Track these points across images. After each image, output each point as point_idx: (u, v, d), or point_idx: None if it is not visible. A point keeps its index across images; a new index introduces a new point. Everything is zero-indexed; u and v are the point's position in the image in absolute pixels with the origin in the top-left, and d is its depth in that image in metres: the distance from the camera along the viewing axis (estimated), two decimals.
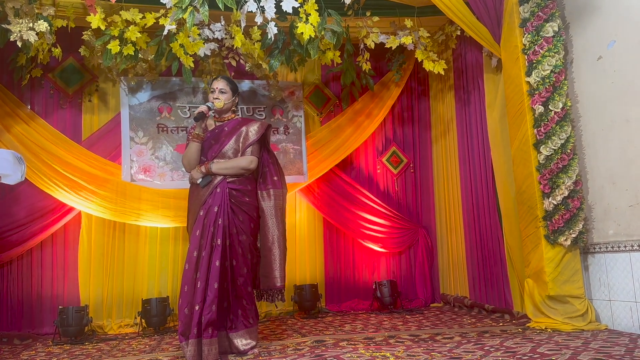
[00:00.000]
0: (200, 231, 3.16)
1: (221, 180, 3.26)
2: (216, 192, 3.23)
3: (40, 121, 4.66)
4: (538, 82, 3.68)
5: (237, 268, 3.23)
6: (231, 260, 3.21)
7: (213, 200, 3.21)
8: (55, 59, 4.46)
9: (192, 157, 3.33)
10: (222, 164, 3.30)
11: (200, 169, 3.29)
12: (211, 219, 3.16)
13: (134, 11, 4.09)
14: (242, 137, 3.38)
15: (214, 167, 3.28)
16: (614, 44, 3.52)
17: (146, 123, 4.91)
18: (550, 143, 3.61)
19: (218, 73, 5.04)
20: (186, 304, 3.06)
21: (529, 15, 3.77)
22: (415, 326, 4.04)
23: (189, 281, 3.09)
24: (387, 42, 4.59)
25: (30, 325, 4.50)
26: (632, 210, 3.38)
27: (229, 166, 3.31)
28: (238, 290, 3.25)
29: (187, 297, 3.07)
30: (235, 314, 3.25)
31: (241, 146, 3.37)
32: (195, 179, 3.29)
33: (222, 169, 3.29)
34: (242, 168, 3.32)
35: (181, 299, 3.10)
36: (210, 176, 3.27)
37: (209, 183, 3.25)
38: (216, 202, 3.20)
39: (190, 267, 3.11)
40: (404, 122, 5.74)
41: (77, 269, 4.67)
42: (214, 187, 3.24)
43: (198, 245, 3.13)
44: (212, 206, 3.20)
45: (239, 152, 3.36)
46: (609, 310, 3.54)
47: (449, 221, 5.26)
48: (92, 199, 4.60)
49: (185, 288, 3.09)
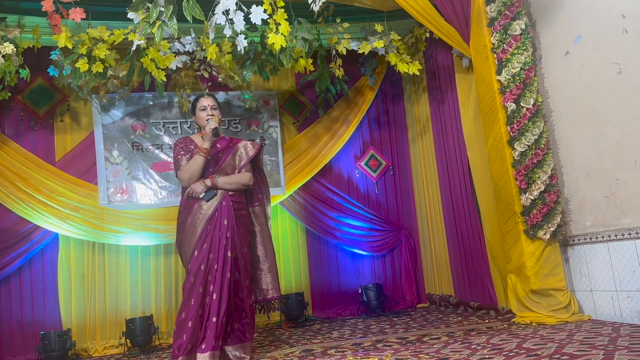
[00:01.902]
0: (208, 245, 3.16)
1: (224, 194, 3.30)
2: (222, 206, 3.26)
3: (12, 144, 4.57)
4: (508, 79, 3.73)
5: (240, 280, 3.26)
6: (235, 272, 3.23)
7: (220, 213, 3.24)
8: (24, 81, 4.39)
9: (196, 171, 3.30)
10: (227, 179, 3.35)
11: (204, 182, 3.28)
12: (222, 232, 3.20)
13: (101, 28, 4.04)
14: (238, 154, 3.46)
15: (220, 181, 3.31)
16: (579, 39, 3.59)
17: (120, 142, 4.85)
18: (524, 139, 3.66)
19: (191, 86, 5.02)
20: (192, 316, 3.03)
21: (496, 15, 3.82)
22: (402, 328, 4.05)
23: (195, 295, 3.07)
24: (359, 47, 4.62)
25: (11, 353, 4.39)
26: (608, 201, 3.43)
27: (233, 181, 3.36)
28: (239, 303, 3.26)
29: (194, 310, 3.04)
30: (233, 327, 3.25)
31: (237, 163, 3.44)
32: (198, 193, 3.27)
33: (227, 183, 3.33)
34: (244, 184, 3.40)
35: (185, 312, 3.06)
36: (214, 190, 3.29)
37: (212, 197, 3.27)
38: (224, 216, 3.24)
39: (196, 280, 3.09)
40: (381, 125, 5.77)
41: (57, 292, 4.58)
42: (219, 200, 3.27)
43: (206, 259, 3.13)
44: (220, 219, 3.23)
45: (236, 169, 3.43)
46: (591, 300, 3.59)
47: (430, 221, 5.29)
48: (69, 222, 4.53)
49: (191, 301, 3.06)
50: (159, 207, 4.81)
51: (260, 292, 3.51)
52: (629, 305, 3.29)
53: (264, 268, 3.52)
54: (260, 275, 3.51)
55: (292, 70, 5.02)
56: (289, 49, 3.84)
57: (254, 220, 3.56)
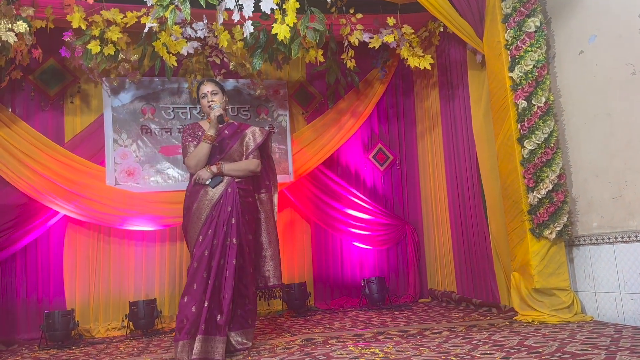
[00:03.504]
0: (212, 231, 3.18)
1: (230, 181, 3.31)
2: (227, 192, 3.27)
3: (21, 124, 4.59)
4: (521, 77, 3.71)
5: (245, 267, 3.28)
6: (239, 259, 3.25)
7: (225, 200, 3.25)
8: (36, 61, 4.39)
9: (203, 158, 3.31)
10: (233, 166, 3.35)
11: (210, 169, 3.29)
12: (224, 219, 3.20)
13: (114, 11, 4.04)
14: (246, 141, 3.47)
15: (226, 167, 3.32)
16: (594, 39, 3.55)
17: (129, 125, 4.86)
18: (534, 137, 3.64)
19: (202, 72, 5.01)
20: (194, 302, 3.04)
21: (511, 11, 3.79)
22: (403, 322, 4.05)
23: (198, 280, 3.08)
24: (371, 41, 4.59)
25: (15, 331, 4.44)
26: (615, 202, 3.41)
27: (240, 168, 3.37)
28: (243, 289, 3.29)
29: (196, 296, 3.05)
30: (235, 313, 3.27)
31: (244, 150, 3.45)
32: (205, 179, 3.28)
33: (234, 170, 3.34)
34: (250, 171, 3.41)
35: (188, 297, 3.07)
36: (220, 177, 3.29)
37: (218, 183, 3.27)
38: (229, 202, 3.25)
39: (200, 266, 3.11)
40: (389, 119, 5.75)
41: (62, 272, 4.62)
42: (225, 187, 3.27)
43: (210, 245, 3.14)
44: (224, 205, 3.23)
45: (243, 155, 3.44)
46: (594, 301, 3.58)
47: (435, 217, 5.28)
48: (76, 203, 4.55)
49: (194, 286, 3.08)
50: (166, 191, 4.82)
51: (262, 278, 3.53)
52: (632, 308, 3.28)
53: (267, 255, 3.54)
54: (262, 262, 3.53)
55: (303, 61, 5.00)
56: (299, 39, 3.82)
57: (260, 208, 3.57)
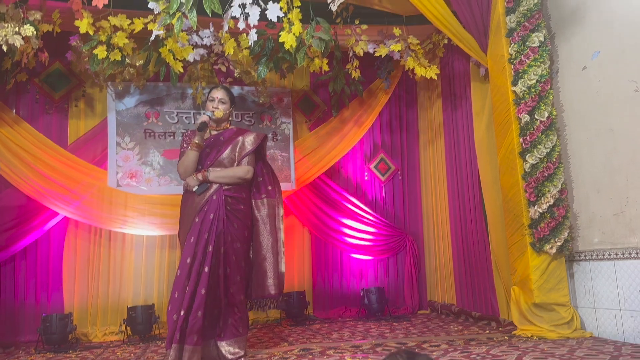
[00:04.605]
0: (195, 238, 3.16)
1: (217, 188, 3.28)
2: (212, 200, 3.25)
3: (25, 125, 4.60)
4: (524, 91, 3.72)
5: (230, 275, 3.24)
6: (225, 267, 3.21)
7: (209, 207, 3.23)
8: (42, 64, 4.41)
9: (190, 166, 3.32)
10: (219, 173, 3.33)
11: (196, 177, 3.29)
12: (206, 226, 3.18)
13: (122, 17, 4.06)
14: (239, 146, 3.43)
15: (211, 175, 3.30)
16: (598, 55, 3.57)
17: (133, 128, 4.88)
18: (536, 152, 3.64)
19: (207, 79, 5.03)
20: (175, 310, 3.04)
21: (515, 26, 3.81)
22: (402, 334, 4.04)
23: (179, 288, 3.07)
24: (377, 50, 4.61)
25: (12, 333, 4.43)
26: (617, 218, 3.41)
27: (226, 175, 3.34)
28: (230, 298, 3.24)
29: (176, 304, 3.05)
30: (225, 322, 3.24)
31: (237, 155, 3.41)
32: (191, 187, 3.29)
33: (219, 177, 3.31)
34: (238, 177, 3.36)
35: (170, 305, 3.08)
36: (206, 184, 3.28)
37: (205, 191, 3.26)
38: (212, 210, 3.22)
39: (182, 273, 3.10)
40: (392, 129, 5.76)
41: (61, 275, 4.62)
42: (210, 194, 3.26)
43: (192, 253, 3.13)
44: (207, 213, 3.21)
45: (235, 162, 3.40)
46: (594, 318, 3.57)
47: (436, 228, 5.28)
48: (77, 204, 4.55)
49: (175, 294, 3.07)
50: (167, 194, 4.81)
51: (258, 287, 3.44)
52: (632, 325, 3.27)
53: (264, 264, 3.44)
54: (259, 272, 3.45)
55: (307, 70, 5.02)
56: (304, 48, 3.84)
57: (257, 214, 3.49)
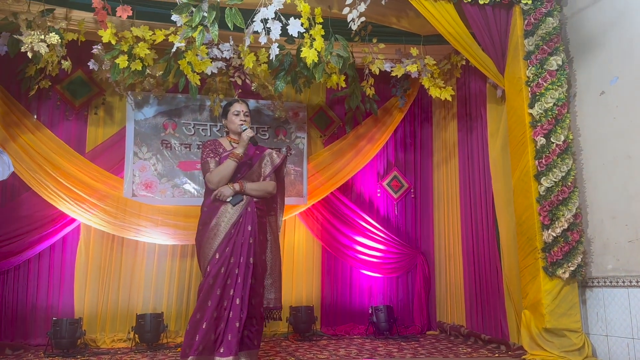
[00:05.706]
0: (230, 249, 3.19)
1: (249, 200, 3.34)
2: (248, 211, 3.30)
3: (45, 131, 4.69)
4: (541, 114, 3.72)
5: (255, 287, 3.28)
6: (252, 278, 3.25)
7: (245, 219, 3.28)
8: (64, 71, 4.49)
9: (227, 175, 3.34)
10: (254, 185, 3.41)
11: (233, 187, 3.32)
12: (245, 238, 3.23)
13: (144, 28, 4.14)
14: (264, 162, 3.52)
15: (248, 186, 3.36)
16: (616, 80, 3.56)
17: (150, 139, 4.94)
18: (551, 175, 3.63)
19: (224, 92, 5.09)
20: (207, 318, 3.04)
21: (533, 48, 3.82)
22: (410, 354, 4.00)
23: (213, 297, 3.09)
24: (393, 70, 4.63)
25: (22, 336, 4.46)
26: (632, 245, 3.37)
27: (260, 188, 3.43)
28: (252, 310, 3.26)
29: (209, 312, 3.06)
30: (243, 333, 3.24)
31: (263, 171, 3.50)
32: (226, 196, 3.31)
33: (254, 190, 3.39)
34: (268, 192, 3.47)
35: (200, 313, 3.07)
36: (241, 195, 3.33)
37: (239, 202, 3.30)
38: (248, 222, 3.27)
39: (216, 283, 3.11)
40: (406, 147, 5.77)
41: (73, 280, 4.66)
42: (244, 206, 3.30)
43: (227, 263, 3.15)
44: (244, 224, 3.26)
45: (261, 177, 3.49)
46: (606, 345, 3.51)
47: (447, 248, 5.24)
48: (92, 212, 4.61)
49: (208, 303, 3.08)
50: (181, 205, 4.86)
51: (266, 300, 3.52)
52: None
53: (271, 277, 3.54)
54: (266, 284, 3.52)
55: (324, 85, 5.06)
56: (322, 64, 3.88)
57: (268, 229, 3.59)
